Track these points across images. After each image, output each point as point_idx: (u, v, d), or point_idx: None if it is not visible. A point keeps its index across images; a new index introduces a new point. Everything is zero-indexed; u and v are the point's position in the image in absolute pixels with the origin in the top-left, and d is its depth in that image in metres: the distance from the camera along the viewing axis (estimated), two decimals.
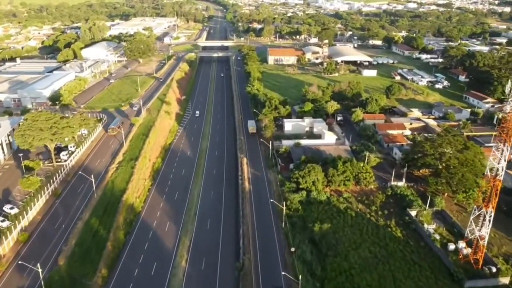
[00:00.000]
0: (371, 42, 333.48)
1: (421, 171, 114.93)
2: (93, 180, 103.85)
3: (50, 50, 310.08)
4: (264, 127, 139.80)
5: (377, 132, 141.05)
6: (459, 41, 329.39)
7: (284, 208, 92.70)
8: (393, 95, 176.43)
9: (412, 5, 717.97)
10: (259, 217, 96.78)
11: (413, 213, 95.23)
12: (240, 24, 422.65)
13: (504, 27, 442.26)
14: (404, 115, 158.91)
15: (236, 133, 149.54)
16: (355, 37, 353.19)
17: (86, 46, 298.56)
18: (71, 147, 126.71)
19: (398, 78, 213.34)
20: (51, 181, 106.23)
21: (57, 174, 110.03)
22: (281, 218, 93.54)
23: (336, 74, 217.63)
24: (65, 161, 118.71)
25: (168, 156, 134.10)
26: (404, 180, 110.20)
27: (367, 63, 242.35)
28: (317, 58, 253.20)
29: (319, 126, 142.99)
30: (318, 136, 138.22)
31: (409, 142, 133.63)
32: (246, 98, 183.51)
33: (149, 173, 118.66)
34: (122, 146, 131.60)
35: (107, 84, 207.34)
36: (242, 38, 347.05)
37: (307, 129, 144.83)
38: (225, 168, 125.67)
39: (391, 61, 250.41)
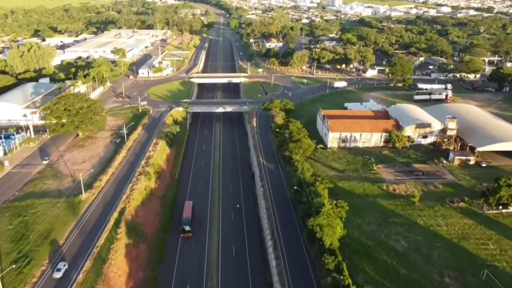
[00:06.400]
0: (461, 76, 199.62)
1: None
2: None
3: None
4: None
5: None
6: None
7: None
8: None
9: (445, 9, 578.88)
10: None
11: None
12: (252, 41, 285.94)
13: None
14: None
15: None
16: (431, 67, 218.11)
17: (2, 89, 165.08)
18: None
19: None
20: None
21: None
22: None
23: (510, 210, 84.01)
24: None
25: None
26: None
27: None
28: (425, 136, 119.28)
29: None
30: None
31: None
32: None
33: None
34: None
35: None
36: (260, 70, 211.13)
37: None
38: None
39: None
